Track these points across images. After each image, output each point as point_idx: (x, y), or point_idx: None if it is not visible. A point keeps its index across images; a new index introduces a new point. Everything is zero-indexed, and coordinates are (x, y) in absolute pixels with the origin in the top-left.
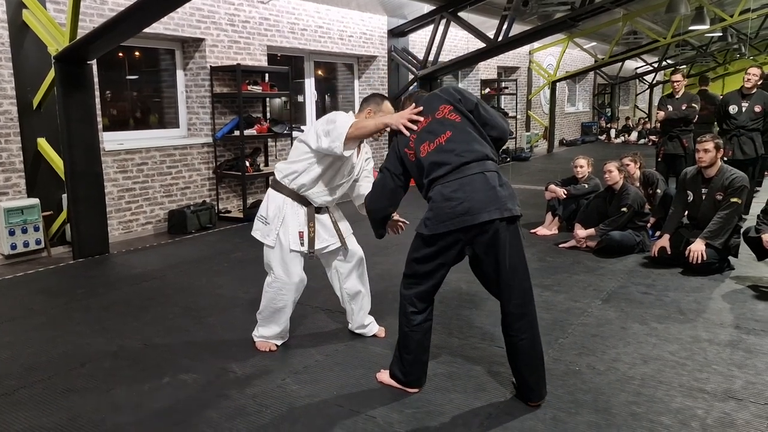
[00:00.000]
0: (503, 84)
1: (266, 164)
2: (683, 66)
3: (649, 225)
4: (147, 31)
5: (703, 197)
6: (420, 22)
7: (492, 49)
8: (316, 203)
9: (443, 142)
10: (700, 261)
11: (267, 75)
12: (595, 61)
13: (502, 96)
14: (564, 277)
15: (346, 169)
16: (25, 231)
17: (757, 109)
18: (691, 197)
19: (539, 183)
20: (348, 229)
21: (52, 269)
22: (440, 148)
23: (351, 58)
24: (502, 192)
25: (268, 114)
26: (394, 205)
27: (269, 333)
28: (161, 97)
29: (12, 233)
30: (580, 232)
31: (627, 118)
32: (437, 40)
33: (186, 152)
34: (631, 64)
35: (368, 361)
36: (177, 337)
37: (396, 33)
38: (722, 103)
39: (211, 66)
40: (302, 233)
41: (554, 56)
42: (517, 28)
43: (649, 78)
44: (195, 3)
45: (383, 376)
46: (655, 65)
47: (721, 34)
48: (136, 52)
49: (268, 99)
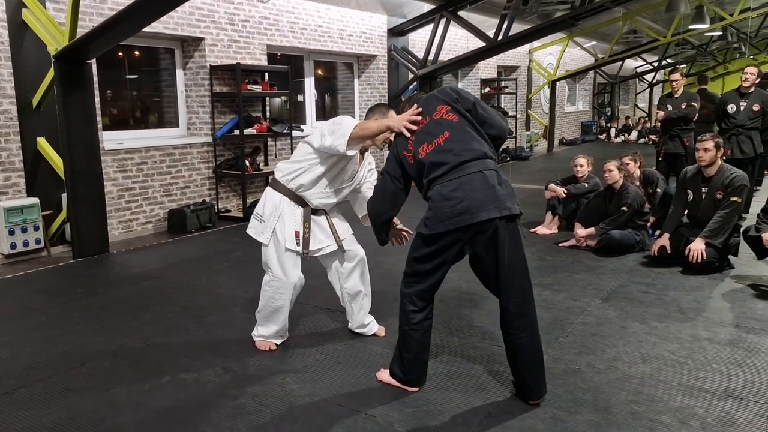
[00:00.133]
0: (503, 83)
1: (266, 163)
2: (682, 65)
3: (649, 224)
4: (146, 30)
5: (703, 196)
6: (420, 21)
7: (492, 48)
8: (313, 204)
9: (441, 143)
10: (700, 260)
11: (267, 74)
12: (595, 60)
13: (501, 95)
14: (564, 276)
15: (346, 175)
16: (24, 230)
17: (756, 108)
18: (691, 196)
19: (539, 182)
20: (347, 230)
21: (52, 269)
22: (439, 149)
23: (351, 58)
24: (501, 191)
25: (267, 113)
26: (394, 209)
27: (268, 332)
28: (161, 96)
29: (12, 233)
30: (580, 231)
31: (627, 118)
32: (437, 39)
33: (186, 151)
34: (631, 63)
35: (368, 360)
36: (177, 336)
37: (396, 32)
38: (720, 103)
39: (210, 65)
40: (298, 233)
41: (554, 55)
42: (517, 27)
43: (649, 77)
44: (194, 2)
45: (383, 375)
46: (655, 64)
47: (721, 33)
48: (136, 52)
49: (267, 98)
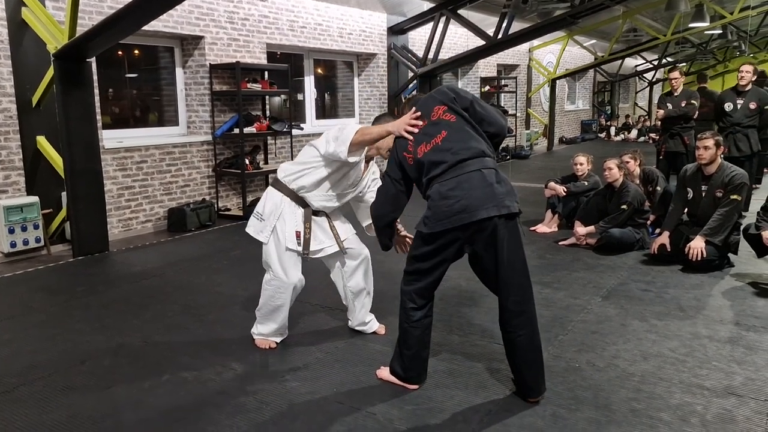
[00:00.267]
0: (503, 82)
1: (266, 162)
2: (682, 64)
3: (648, 222)
4: (146, 28)
5: (703, 194)
6: (419, 20)
7: (492, 46)
8: (313, 206)
9: (439, 142)
10: (699, 258)
11: (266, 73)
12: (595, 59)
13: (501, 94)
14: (564, 275)
15: (349, 180)
16: (24, 229)
17: (752, 105)
18: (691, 194)
19: (539, 181)
20: (349, 230)
21: (52, 267)
22: (436, 148)
23: (350, 56)
24: (499, 189)
25: (267, 112)
26: (396, 211)
27: (267, 330)
28: (160, 95)
29: (12, 231)
30: (580, 229)
31: (627, 116)
32: (437, 37)
33: (185, 150)
34: (630, 62)
35: (368, 358)
36: (177, 334)
37: (395, 30)
38: (718, 101)
39: (210, 64)
40: (299, 233)
41: (554, 54)
42: (517, 26)
43: (648, 76)
44: (194, 0)
45: (383, 372)
46: (655, 63)
47: (720, 32)
48: (136, 50)
49: (267, 97)
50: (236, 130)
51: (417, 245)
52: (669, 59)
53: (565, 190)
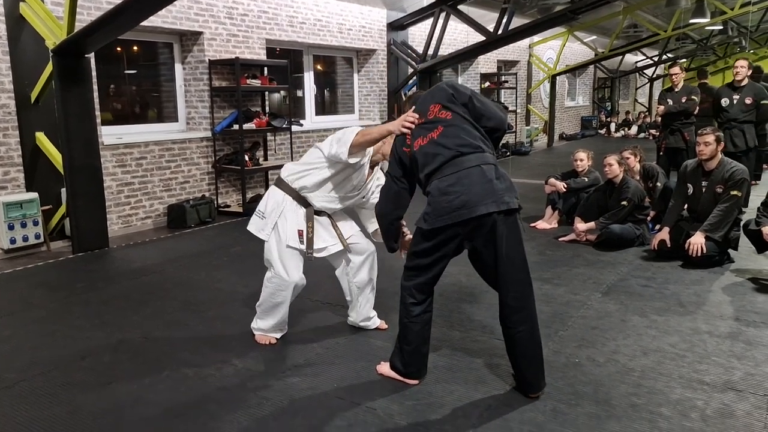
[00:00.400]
0: (503, 78)
1: (265, 158)
2: (682, 60)
3: (649, 218)
4: (145, 24)
5: (703, 190)
6: (419, 15)
7: (492, 42)
8: (315, 207)
9: (435, 137)
10: (699, 254)
11: (266, 69)
12: (595, 55)
13: (501, 90)
14: (564, 271)
15: (352, 183)
16: (24, 225)
17: (748, 101)
18: (691, 190)
19: (539, 177)
20: (353, 228)
21: (52, 263)
22: (432, 141)
23: (350, 52)
24: (498, 185)
25: (267, 108)
26: (399, 209)
27: (266, 325)
28: (160, 91)
29: (11, 227)
30: (580, 225)
31: (627, 112)
32: (437, 33)
33: (185, 146)
34: (631, 58)
35: (369, 353)
36: (177, 331)
37: (395, 26)
38: (715, 97)
39: (209, 60)
40: (301, 231)
41: (554, 50)
42: (517, 21)
43: (649, 72)
44: None
45: (383, 368)
46: (656, 59)
47: (721, 28)
48: (134, 46)
49: (267, 93)
50: (236, 127)
51: (417, 241)
52: (669, 55)
53: (565, 186)
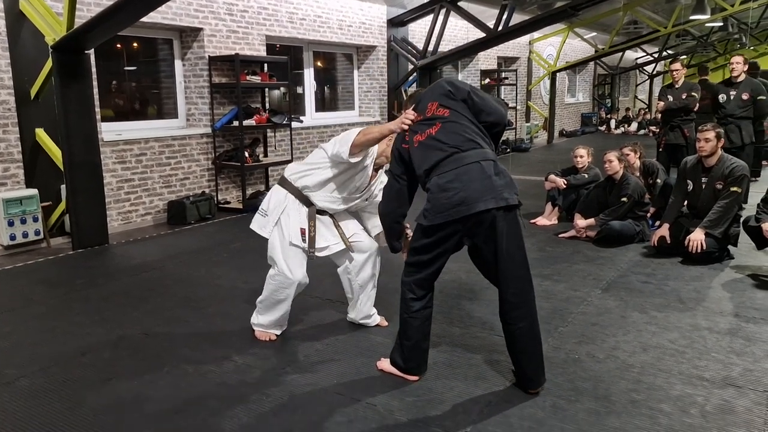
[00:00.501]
0: (503, 74)
1: (265, 155)
2: (683, 56)
3: (649, 215)
4: (145, 20)
5: (703, 186)
6: (419, 12)
7: (492, 38)
8: (317, 206)
9: (433, 133)
10: (699, 250)
11: (266, 65)
12: (596, 52)
13: (502, 86)
14: (564, 267)
15: (354, 184)
16: (24, 222)
17: (745, 96)
18: (691, 186)
19: (539, 173)
20: (357, 226)
21: (52, 260)
22: (431, 138)
23: (350, 48)
24: (498, 181)
25: (267, 104)
26: (402, 206)
27: (266, 321)
28: (159, 87)
29: (11, 224)
30: (580, 222)
31: (627, 109)
32: (437, 29)
33: (185, 143)
34: (631, 55)
35: (368, 349)
36: (176, 327)
37: (395, 23)
38: (713, 93)
39: (209, 56)
40: (304, 230)
41: (554, 46)
42: (517, 18)
43: (649, 68)
44: None
45: (384, 364)
46: (656, 55)
47: (721, 24)
48: (134, 43)
49: (267, 89)
50: (236, 123)
51: (417, 237)
52: (669, 52)
53: (566, 182)
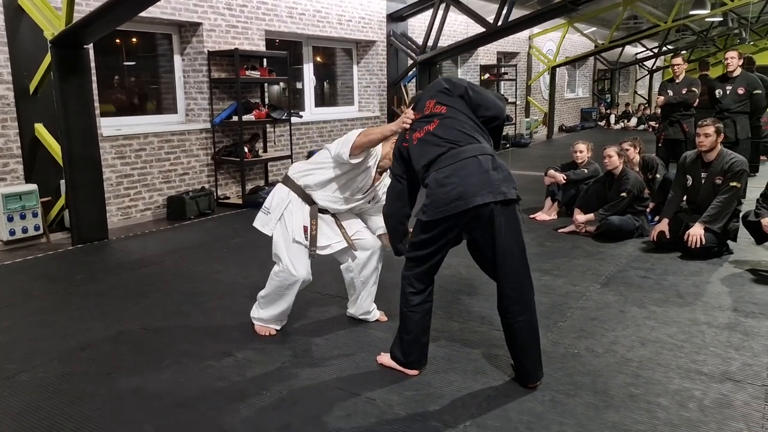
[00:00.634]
0: (503, 69)
1: (265, 150)
2: (683, 51)
3: (648, 210)
4: (144, 15)
5: (703, 181)
6: (419, 7)
7: (491, 33)
8: (319, 205)
9: (431, 129)
10: (698, 245)
11: (265, 60)
12: (595, 47)
13: (501, 81)
14: (563, 262)
15: (356, 185)
16: (23, 217)
17: (740, 91)
18: (690, 181)
19: (539, 169)
20: (359, 224)
21: (51, 255)
22: (429, 134)
23: (350, 43)
24: (495, 175)
25: (266, 100)
26: (405, 207)
27: (267, 315)
28: (159, 82)
29: (10, 219)
30: (580, 217)
31: (627, 104)
32: (436, 24)
33: (184, 138)
34: (631, 50)
35: (368, 344)
36: (176, 322)
37: (395, 17)
38: (710, 88)
39: (208, 51)
40: (306, 228)
41: (554, 41)
42: (517, 13)
43: (649, 64)
44: None
45: (384, 358)
46: (656, 50)
47: (721, 19)
48: (133, 38)
49: (266, 84)
50: (235, 118)
51: (416, 233)
52: (669, 47)
53: (565, 177)
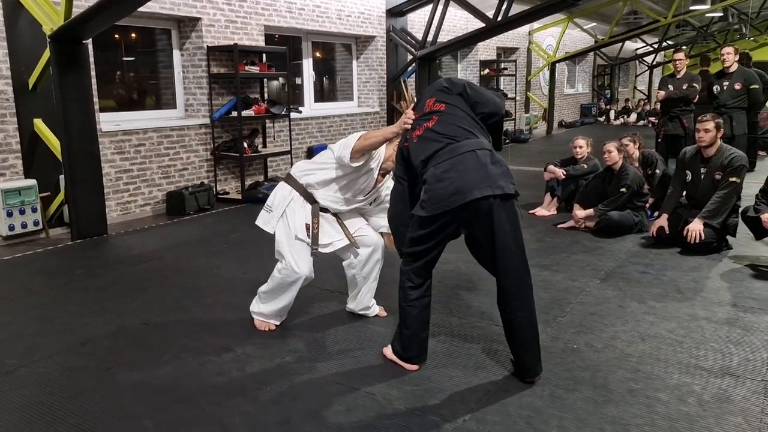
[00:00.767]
0: (502, 65)
1: (264, 145)
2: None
3: (647, 205)
4: (143, 9)
5: (702, 177)
6: (419, 2)
7: (491, 29)
8: (320, 204)
9: (430, 126)
10: (698, 240)
11: (264, 55)
12: (595, 42)
13: (501, 77)
14: (562, 257)
15: (358, 186)
16: (22, 212)
17: (737, 86)
18: (689, 177)
19: (538, 164)
20: (361, 222)
21: (51, 250)
22: (428, 130)
23: (349, 39)
24: (494, 170)
25: (265, 95)
26: (407, 208)
27: (267, 310)
28: (158, 77)
29: (10, 214)
30: (579, 212)
31: (626, 100)
32: (436, 19)
33: (183, 133)
34: (630, 45)
35: (367, 340)
36: (176, 317)
37: (394, 12)
38: (708, 84)
39: (207, 46)
40: (308, 225)
41: (554, 37)
42: (517, 8)
43: (648, 59)
44: None
45: (388, 351)
46: (655, 46)
47: (721, 14)
48: (132, 33)
49: (265, 80)
50: (234, 113)
51: (415, 228)
52: (669, 42)
53: (564, 173)
